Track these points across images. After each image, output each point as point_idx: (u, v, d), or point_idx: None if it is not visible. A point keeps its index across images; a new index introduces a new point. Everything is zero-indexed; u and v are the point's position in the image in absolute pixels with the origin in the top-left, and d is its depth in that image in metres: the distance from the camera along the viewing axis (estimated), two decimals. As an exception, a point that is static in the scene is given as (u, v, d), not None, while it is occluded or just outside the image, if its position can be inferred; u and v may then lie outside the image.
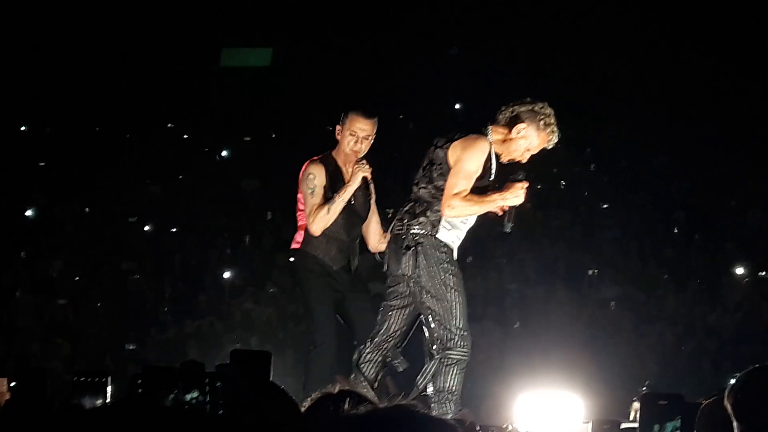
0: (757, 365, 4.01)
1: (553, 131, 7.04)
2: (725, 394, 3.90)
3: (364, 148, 7.65)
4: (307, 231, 7.67)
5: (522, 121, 7.02)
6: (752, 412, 3.76)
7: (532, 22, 18.13)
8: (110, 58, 18.13)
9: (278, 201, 16.34)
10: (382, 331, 7.09)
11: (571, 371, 9.49)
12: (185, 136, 18.74)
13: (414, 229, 6.95)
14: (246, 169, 17.98)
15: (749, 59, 17.26)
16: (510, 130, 7.03)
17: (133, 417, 1.92)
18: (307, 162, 7.76)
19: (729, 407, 3.84)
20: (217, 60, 18.82)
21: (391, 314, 7.08)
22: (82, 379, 5.48)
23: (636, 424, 6.85)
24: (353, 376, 7.03)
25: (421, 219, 6.95)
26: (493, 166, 7.04)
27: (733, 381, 3.93)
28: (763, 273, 14.60)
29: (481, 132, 7.01)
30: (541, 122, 7.03)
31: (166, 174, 17.72)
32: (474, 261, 15.01)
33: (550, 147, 7.12)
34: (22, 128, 18.45)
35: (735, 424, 3.83)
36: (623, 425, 6.98)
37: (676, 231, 15.93)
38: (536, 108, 7.06)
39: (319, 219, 7.55)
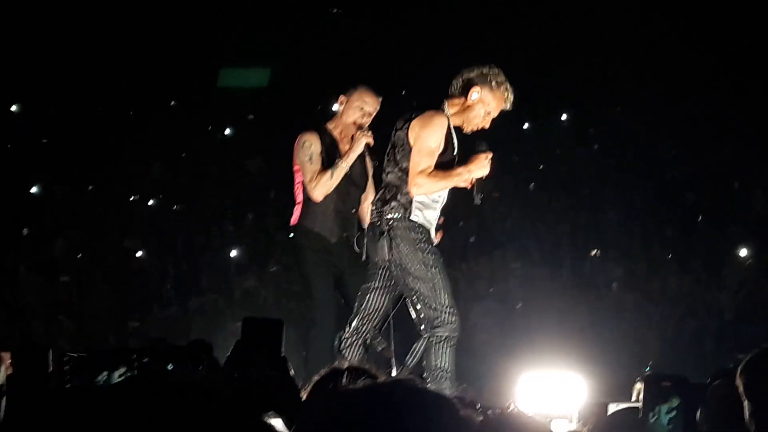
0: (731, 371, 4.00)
1: (506, 88, 7.10)
2: (737, 373, 3.88)
3: (366, 123, 7.65)
4: (304, 206, 7.67)
5: (474, 85, 7.04)
6: (763, 392, 3.76)
7: (538, 2, 18.08)
8: (114, 36, 18.08)
9: (281, 180, 16.29)
10: (360, 314, 7.12)
11: (574, 351, 9.49)
12: (188, 115, 18.70)
13: (387, 214, 6.98)
14: (249, 147, 17.95)
15: (755, 42, 17.21)
16: (465, 98, 7.07)
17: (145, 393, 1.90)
18: (301, 134, 7.74)
19: (740, 386, 3.83)
20: (221, 38, 18.73)
21: (368, 297, 7.11)
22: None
23: (639, 404, 6.85)
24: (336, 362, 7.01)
25: (393, 203, 6.99)
26: (454, 140, 7.07)
27: (744, 360, 3.92)
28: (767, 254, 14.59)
29: (438, 108, 7.04)
30: (493, 82, 7.08)
31: (169, 153, 17.70)
32: (477, 241, 15.02)
33: (509, 107, 7.12)
34: (26, 107, 18.42)
35: (745, 403, 3.82)
36: (614, 406, 6.98)
37: (679, 212, 15.92)
38: (484, 71, 7.13)
39: (322, 184, 7.55)
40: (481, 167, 7.01)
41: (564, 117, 19.00)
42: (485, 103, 7.07)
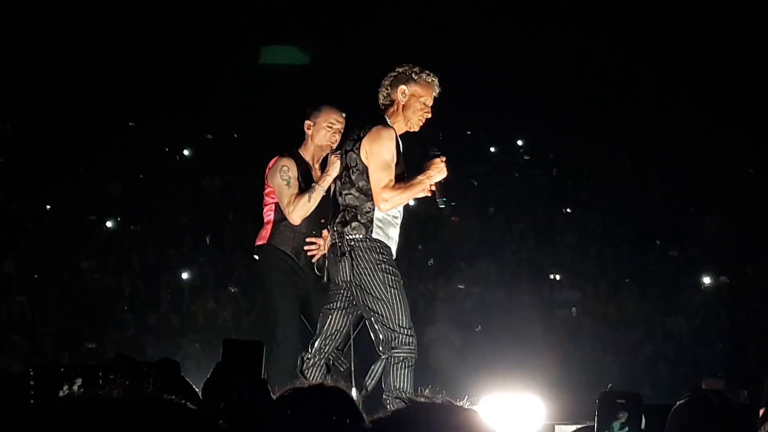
0: (693, 392, 4.05)
1: (427, 73, 7.20)
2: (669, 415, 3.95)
3: (336, 141, 7.66)
4: (273, 225, 7.64)
5: (400, 84, 7.12)
6: None
7: (498, 28, 18.17)
8: (70, 55, 18.00)
9: (239, 200, 16.27)
10: (322, 334, 7.07)
11: (533, 374, 9.50)
12: (146, 135, 18.62)
13: (348, 235, 6.96)
14: (207, 168, 17.90)
15: (709, 68, 17.37)
16: (397, 102, 7.14)
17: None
18: (276, 157, 7.73)
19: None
20: (181, 58, 18.68)
21: (330, 317, 7.07)
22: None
23: (590, 423, 6.86)
24: (297, 383, 6.96)
25: (354, 224, 6.97)
26: (401, 150, 7.11)
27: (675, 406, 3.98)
28: (723, 278, 14.70)
29: (381, 121, 7.08)
30: (412, 74, 7.16)
31: (127, 172, 17.61)
32: (436, 264, 15.02)
33: (438, 89, 7.19)
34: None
35: None
36: (566, 428, 6.99)
37: (636, 237, 16.01)
38: (399, 71, 7.19)
39: (299, 207, 7.53)
40: (438, 171, 7.04)
41: (523, 142, 19.09)
42: (417, 96, 7.14)
